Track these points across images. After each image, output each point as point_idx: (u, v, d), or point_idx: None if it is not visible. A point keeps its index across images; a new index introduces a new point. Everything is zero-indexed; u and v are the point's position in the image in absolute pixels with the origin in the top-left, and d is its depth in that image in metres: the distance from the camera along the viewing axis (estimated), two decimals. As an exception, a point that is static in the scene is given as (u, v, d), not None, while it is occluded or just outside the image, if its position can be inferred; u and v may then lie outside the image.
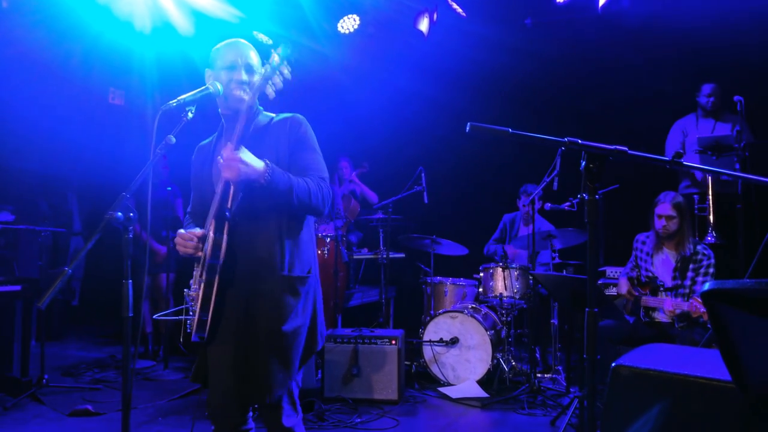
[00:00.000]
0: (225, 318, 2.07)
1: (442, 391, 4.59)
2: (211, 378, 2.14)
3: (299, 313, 2.11)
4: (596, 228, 1.39)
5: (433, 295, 5.35)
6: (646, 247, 4.14)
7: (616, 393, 1.56)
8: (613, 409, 1.56)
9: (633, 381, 1.53)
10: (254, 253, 2.08)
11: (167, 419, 3.93)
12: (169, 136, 1.89)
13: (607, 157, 1.36)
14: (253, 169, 1.92)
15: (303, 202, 2.04)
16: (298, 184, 2.02)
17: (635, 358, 1.64)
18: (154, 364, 5.32)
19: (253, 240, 2.08)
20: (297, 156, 2.15)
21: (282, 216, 2.11)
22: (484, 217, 6.23)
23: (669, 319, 3.87)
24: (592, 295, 1.39)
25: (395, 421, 3.90)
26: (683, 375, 1.48)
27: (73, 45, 5.51)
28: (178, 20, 5.34)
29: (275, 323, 2.05)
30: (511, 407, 4.21)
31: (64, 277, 1.64)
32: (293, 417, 2.17)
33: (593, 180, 1.37)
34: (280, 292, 2.07)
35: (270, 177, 1.94)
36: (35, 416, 3.94)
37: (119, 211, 1.77)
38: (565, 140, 1.36)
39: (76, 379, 4.86)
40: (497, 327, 5.02)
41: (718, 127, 5.30)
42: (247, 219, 2.07)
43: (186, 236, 2.09)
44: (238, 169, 1.90)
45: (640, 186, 4.98)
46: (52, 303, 6.48)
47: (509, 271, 5.00)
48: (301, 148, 2.16)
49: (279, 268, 2.08)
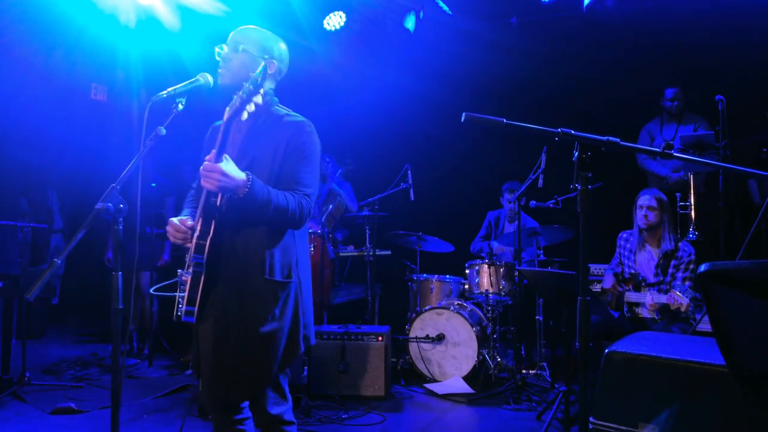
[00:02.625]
0: (209, 314, 2.10)
1: (428, 387, 4.61)
2: (202, 366, 2.17)
3: (277, 316, 2.10)
4: (588, 218, 1.40)
5: (419, 292, 5.36)
6: (629, 245, 4.20)
7: (609, 378, 1.58)
8: (606, 395, 1.58)
9: (626, 366, 1.55)
10: (239, 254, 2.09)
11: (152, 417, 3.89)
12: (159, 127, 1.87)
13: (600, 148, 1.38)
14: (233, 181, 1.91)
15: (279, 217, 2.04)
16: (278, 200, 2.01)
17: (628, 345, 1.66)
18: (138, 362, 5.27)
19: (239, 241, 2.10)
20: (291, 165, 2.12)
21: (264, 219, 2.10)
22: (470, 215, 6.26)
23: (650, 314, 3.92)
24: (585, 284, 1.40)
25: (382, 417, 3.91)
26: (676, 360, 1.50)
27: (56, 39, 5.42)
28: (164, 15, 5.28)
29: (252, 325, 2.06)
30: (497, 403, 4.23)
31: (53, 269, 1.61)
32: (281, 405, 2.19)
33: (586, 170, 1.38)
34: (260, 295, 2.08)
35: (249, 191, 1.94)
36: (17, 414, 3.88)
37: (109, 202, 1.75)
38: (558, 131, 1.37)
39: (58, 377, 4.79)
40: (483, 323, 5.05)
41: (681, 129, 5.46)
42: (236, 219, 2.07)
43: (177, 227, 2.11)
44: (217, 181, 1.90)
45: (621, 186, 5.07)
46: (32, 301, 6.40)
47: (495, 267, 5.03)
48: (298, 158, 2.13)
49: (261, 271, 2.08)
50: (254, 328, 2.06)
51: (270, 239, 2.11)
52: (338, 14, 6.15)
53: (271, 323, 2.08)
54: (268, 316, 2.08)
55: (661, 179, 5.46)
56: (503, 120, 1.39)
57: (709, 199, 5.17)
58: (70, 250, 1.69)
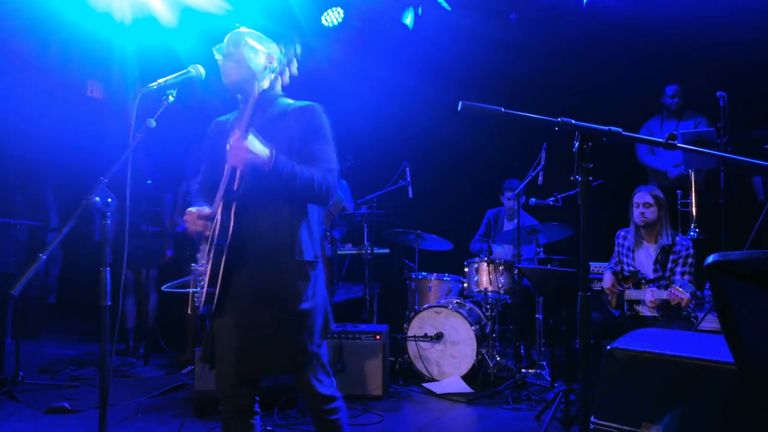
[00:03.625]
0: (233, 299, 2.12)
1: (426, 386, 4.56)
2: (218, 358, 2.19)
3: (310, 296, 2.17)
4: (588, 211, 1.36)
5: (417, 291, 5.31)
6: (627, 242, 4.16)
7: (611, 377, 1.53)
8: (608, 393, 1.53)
9: (628, 364, 1.51)
10: (265, 237, 2.13)
11: (147, 416, 3.85)
12: (149, 119, 1.83)
13: (601, 138, 1.33)
14: (258, 157, 1.96)
15: (305, 191, 2.08)
16: (302, 173, 2.06)
17: (630, 342, 1.61)
18: (134, 361, 5.23)
19: (264, 224, 2.13)
20: (308, 145, 2.18)
21: (294, 203, 2.17)
22: (469, 212, 6.22)
23: (651, 311, 3.88)
24: (585, 279, 1.36)
25: (380, 417, 3.86)
26: (680, 357, 1.46)
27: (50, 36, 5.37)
28: (160, 11, 5.23)
29: (290, 305, 2.12)
30: (496, 402, 4.19)
31: (37, 264, 1.57)
32: (330, 385, 2.26)
33: (587, 161, 1.34)
34: (292, 276, 2.13)
35: (273, 165, 1.99)
36: (11, 414, 3.83)
37: (97, 196, 1.71)
38: (558, 120, 1.33)
39: (53, 376, 4.75)
40: (482, 322, 5.00)
41: (681, 126, 5.42)
42: (258, 203, 2.12)
43: (197, 215, 2.13)
44: (243, 157, 1.95)
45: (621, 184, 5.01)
46: (29, 300, 6.36)
47: (494, 266, 4.99)
48: (314, 138, 2.19)
49: (291, 252, 2.14)
50: (292, 308, 2.11)
51: (297, 220, 2.17)
52: (336, 10, 6.11)
53: (307, 302, 2.15)
54: (303, 296, 2.14)
55: (661, 174, 5.42)
56: (501, 109, 1.35)
57: (710, 196, 5.13)
58: (56, 244, 1.64)
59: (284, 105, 2.28)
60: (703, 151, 1.44)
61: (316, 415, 2.26)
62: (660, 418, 1.38)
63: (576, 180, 1.35)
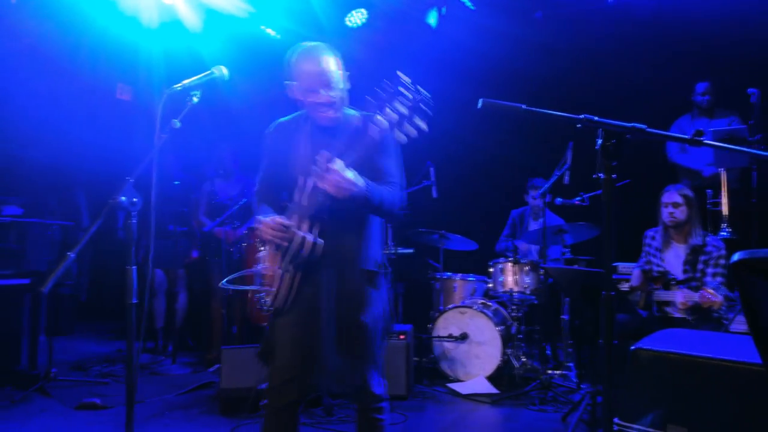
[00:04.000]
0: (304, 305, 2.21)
1: (451, 387, 4.55)
2: (280, 355, 2.25)
3: (377, 302, 2.27)
4: (612, 209, 1.34)
5: (442, 291, 5.29)
6: (655, 243, 4.08)
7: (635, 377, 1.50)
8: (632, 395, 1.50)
9: (653, 364, 1.47)
10: (337, 247, 2.20)
11: (174, 413, 3.91)
12: (173, 120, 1.86)
13: (625, 135, 1.31)
14: (355, 187, 2.03)
15: (386, 213, 2.21)
16: (388, 199, 2.16)
17: (655, 342, 1.58)
18: (162, 359, 5.31)
19: (336, 235, 2.19)
20: (376, 159, 2.23)
21: (362, 213, 2.26)
22: (494, 212, 6.16)
23: (681, 313, 3.79)
24: (609, 278, 1.34)
25: (404, 417, 3.86)
26: (706, 358, 1.42)
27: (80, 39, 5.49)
28: (185, 14, 5.31)
29: (359, 312, 2.21)
30: (522, 403, 4.16)
31: (66, 262, 1.61)
32: (382, 385, 2.34)
33: (610, 158, 1.32)
34: (362, 285, 2.23)
35: (368, 196, 2.08)
36: (43, 410, 3.93)
37: (123, 196, 1.74)
38: (581, 117, 1.31)
39: (85, 373, 4.85)
40: (507, 323, 4.96)
41: (712, 124, 5.28)
42: (337, 219, 2.18)
43: (273, 225, 2.16)
44: (346, 190, 2.01)
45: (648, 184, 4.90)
46: (61, 298, 6.50)
47: (519, 266, 4.94)
48: (383, 153, 2.25)
49: (361, 262, 2.24)
50: (362, 315, 2.20)
51: (367, 231, 2.28)
52: (360, 11, 6.13)
53: (376, 309, 2.25)
54: (372, 303, 2.24)
55: (694, 173, 5.29)
56: (522, 106, 1.33)
57: (742, 196, 5.00)
58: (84, 243, 1.68)
59: (349, 116, 2.32)
60: (731, 147, 1.41)
61: (364, 413, 2.33)
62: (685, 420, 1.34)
63: (599, 178, 1.33)
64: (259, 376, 3.87)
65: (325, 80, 2.20)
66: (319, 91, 2.19)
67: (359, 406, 2.35)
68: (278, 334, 2.27)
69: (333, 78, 2.21)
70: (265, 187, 2.45)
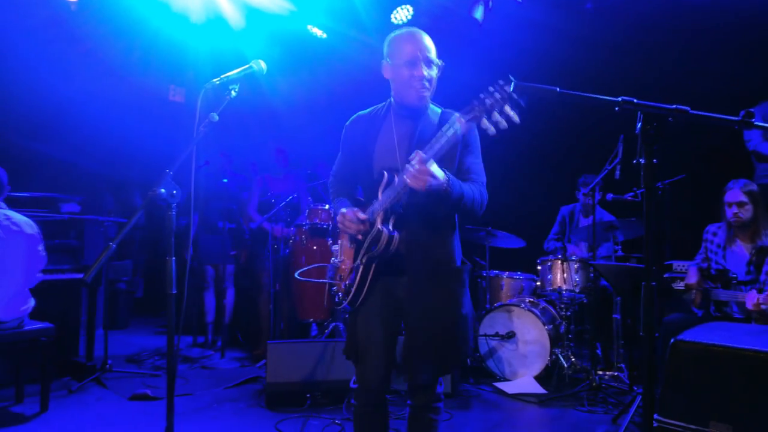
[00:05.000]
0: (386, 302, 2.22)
1: (497, 386, 4.47)
2: (364, 354, 2.26)
3: (466, 301, 2.27)
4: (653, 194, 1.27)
5: (488, 289, 5.22)
6: (717, 239, 3.87)
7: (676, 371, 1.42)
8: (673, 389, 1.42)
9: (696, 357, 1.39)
10: (424, 246, 2.19)
11: (222, 406, 3.99)
12: (211, 113, 1.88)
13: (667, 118, 1.24)
14: (437, 181, 2.00)
15: (466, 209, 2.15)
16: (469, 194, 2.12)
17: (698, 334, 1.49)
18: (211, 353, 5.43)
19: (422, 234, 2.19)
20: (463, 157, 2.23)
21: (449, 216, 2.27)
22: (542, 209, 6.03)
23: (744, 314, 3.58)
24: (650, 268, 1.27)
25: (448, 414, 3.82)
26: (753, 350, 1.33)
27: (133, 42, 5.67)
28: (230, 14, 5.40)
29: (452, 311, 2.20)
30: (570, 404, 4.05)
31: (108, 252, 1.65)
32: (442, 386, 2.35)
33: (650, 143, 1.25)
34: (451, 283, 2.22)
35: (449, 189, 2.03)
36: (98, 399, 4.08)
37: (162, 188, 1.78)
38: (618, 99, 1.25)
39: (138, 365, 5.01)
40: (556, 322, 4.85)
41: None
42: (416, 213, 2.16)
43: (351, 218, 2.18)
44: (426, 182, 1.97)
45: (711, 176, 4.66)
46: (118, 294, 6.76)
47: (569, 263, 4.81)
48: (468, 151, 2.25)
49: (449, 261, 2.24)
50: (455, 313, 2.20)
51: (450, 229, 2.27)
52: (406, 8, 6.10)
53: (465, 307, 2.24)
54: (462, 301, 2.23)
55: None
56: (556, 89, 1.29)
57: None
58: (125, 233, 1.72)
59: (434, 114, 2.30)
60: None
61: (421, 410, 2.30)
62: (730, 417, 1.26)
63: (639, 163, 1.26)
64: (305, 371, 3.93)
65: (426, 56, 2.19)
66: (421, 65, 2.17)
67: (416, 403, 2.31)
68: (361, 333, 2.26)
69: (433, 58, 2.21)
70: (340, 180, 2.46)
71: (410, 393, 2.31)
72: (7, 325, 3.61)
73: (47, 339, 3.78)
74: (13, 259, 3.64)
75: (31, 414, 3.72)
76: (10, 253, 3.63)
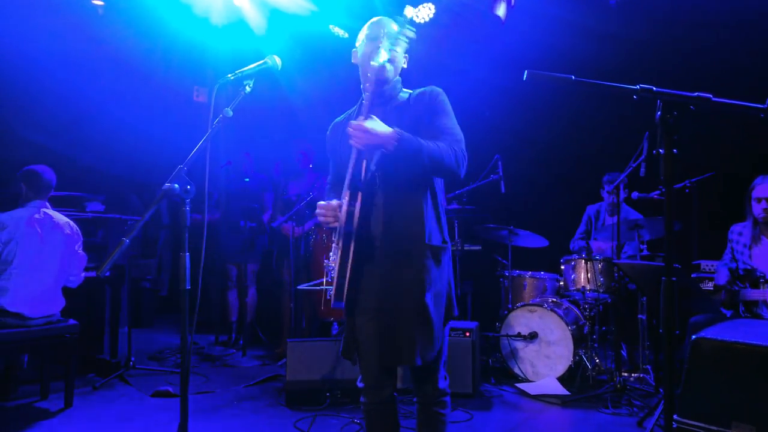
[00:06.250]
0: (368, 288, 2.13)
1: (519, 387, 4.41)
2: (362, 350, 2.20)
3: (438, 280, 2.15)
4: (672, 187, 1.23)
5: (511, 289, 5.15)
6: (743, 239, 3.77)
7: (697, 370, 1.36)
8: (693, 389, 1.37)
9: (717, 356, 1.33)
10: (394, 223, 2.12)
11: (242, 404, 4.00)
12: (225, 109, 1.88)
13: (688, 106, 1.20)
14: (379, 136, 1.96)
15: (435, 164, 2.04)
16: (428, 147, 2.02)
17: (720, 331, 1.43)
18: (233, 352, 5.47)
19: (392, 210, 2.12)
20: (431, 122, 2.18)
21: (420, 187, 2.15)
22: (566, 208, 5.93)
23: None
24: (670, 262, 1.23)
25: (469, 415, 3.78)
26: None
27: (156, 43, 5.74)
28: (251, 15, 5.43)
29: (420, 291, 2.09)
30: (594, 406, 3.97)
31: (121, 247, 1.66)
32: (447, 378, 2.27)
33: (671, 132, 1.21)
34: (423, 261, 2.11)
35: (397, 143, 1.97)
36: (121, 395, 4.13)
37: (176, 183, 1.78)
38: (636, 87, 1.21)
39: (161, 363, 5.07)
40: (579, 322, 4.77)
41: None
42: (387, 190, 2.12)
43: (325, 206, 2.17)
44: (362, 136, 1.95)
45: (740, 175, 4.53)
46: (143, 293, 6.84)
47: (593, 263, 4.73)
48: (436, 114, 2.19)
49: (422, 237, 2.11)
50: (423, 294, 2.08)
51: (424, 204, 2.15)
52: (427, 6, 6.06)
53: (435, 286, 2.13)
54: (433, 281, 2.12)
55: None
56: (572, 77, 1.25)
57: None
58: (139, 228, 1.73)
59: (405, 96, 2.29)
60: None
61: (427, 408, 2.25)
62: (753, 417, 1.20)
63: (659, 154, 1.22)
64: (325, 369, 3.93)
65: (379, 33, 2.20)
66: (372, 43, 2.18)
67: (421, 399, 2.27)
68: (357, 328, 2.20)
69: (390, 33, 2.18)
70: (332, 188, 2.46)
71: (414, 388, 2.28)
72: (34, 322, 3.67)
73: (72, 336, 3.84)
74: (49, 259, 3.73)
75: (55, 410, 3.78)
76: (47, 252, 3.73)
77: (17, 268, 3.61)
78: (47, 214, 3.78)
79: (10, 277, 3.59)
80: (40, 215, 3.74)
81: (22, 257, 3.63)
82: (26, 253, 3.64)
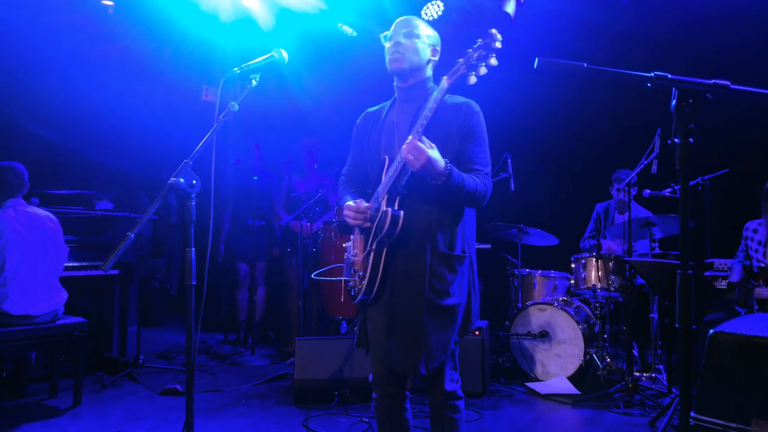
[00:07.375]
0: (387, 289, 2.16)
1: (529, 386, 4.37)
2: (371, 346, 2.24)
3: (456, 291, 2.15)
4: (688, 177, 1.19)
5: (520, 287, 5.10)
6: (757, 236, 3.72)
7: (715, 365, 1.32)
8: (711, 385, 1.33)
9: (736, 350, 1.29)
10: (420, 230, 2.13)
11: (250, 402, 3.99)
12: (231, 103, 1.86)
13: (705, 94, 1.16)
14: (434, 168, 1.96)
15: (469, 197, 2.10)
16: (469, 184, 2.07)
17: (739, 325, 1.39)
18: (242, 350, 5.46)
19: (418, 217, 2.13)
20: (465, 146, 2.18)
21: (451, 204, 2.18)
22: (576, 206, 5.87)
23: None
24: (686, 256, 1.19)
25: (478, 414, 3.75)
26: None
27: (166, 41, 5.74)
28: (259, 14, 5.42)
29: (437, 298, 2.11)
30: (605, 406, 3.93)
31: (126, 242, 1.65)
32: (456, 382, 2.25)
33: (686, 121, 1.17)
34: (439, 268, 2.12)
35: (446, 179, 2.00)
36: (130, 393, 4.13)
37: (181, 177, 1.76)
38: (651, 75, 1.17)
39: (169, 361, 5.07)
40: (590, 321, 4.72)
41: None
42: (415, 196, 2.12)
43: (357, 208, 2.16)
44: (423, 164, 1.95)
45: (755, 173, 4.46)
46: (152, 291, 6.85)
47: (603, 261, 4.67)
48: (471, 139, 2.18)
49: (443, 245, 2.14)
50: (438, 301, 2.10)
51: (450, 216, 2.17)
52: (436, 4, 6.03)
53: (453, 297, 2.13)
54: (449, 290, 2.12)
55: None
56: (583, 64, 1.21)
57: None
58: (143, 224, 1.71)
59: (437, 94, 2.23)
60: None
61: (437, 411, 2.24)
62: None
63: (674, 143, 1.18)
64: (333, 368, 3.91)
65: (404, 31, 2.20)
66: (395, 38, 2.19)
67: (431, 400, 2.26)
68: (370, 323, 2.24)
69: (416, 32, 2.21)
70: (349, 180, 2.46)
71: (425, 390, 2.26)
72: (40, 319, 3.67)
73: (80, 333, 3.84)
74: (37, 254, 3.65)
75: (64, 407, 3.79)
76: (35, 248, 3.65)
77: (10, 272, 3.53)
78: (26, 212, 3.68)
79: (6, 282, 3.52)
80: (18, 214, 3.64)
81: (13, 260, 3.55)
82: (16, 256, 3.56)
